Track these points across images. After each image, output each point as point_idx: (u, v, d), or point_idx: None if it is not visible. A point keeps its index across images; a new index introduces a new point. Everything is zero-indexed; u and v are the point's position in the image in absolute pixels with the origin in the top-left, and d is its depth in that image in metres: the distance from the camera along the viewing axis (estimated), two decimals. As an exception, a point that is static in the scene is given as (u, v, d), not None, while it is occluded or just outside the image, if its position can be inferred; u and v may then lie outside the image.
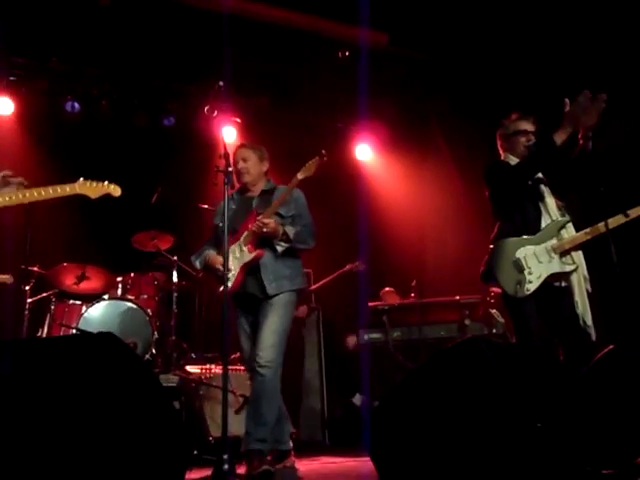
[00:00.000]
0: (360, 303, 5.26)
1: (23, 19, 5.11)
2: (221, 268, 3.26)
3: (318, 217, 5.90)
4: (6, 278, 4.18)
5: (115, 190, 2.95)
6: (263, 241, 3.34)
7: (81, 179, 2.79)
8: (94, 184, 2.86)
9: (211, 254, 3.49)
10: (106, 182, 2.91)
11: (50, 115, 5.82)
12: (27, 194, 2.60)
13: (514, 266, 3.16)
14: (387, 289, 5.85)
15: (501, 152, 3.47)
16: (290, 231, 3.34)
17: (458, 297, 4.97)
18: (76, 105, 5.79)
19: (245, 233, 3.39)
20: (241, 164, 3.53)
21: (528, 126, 3.35)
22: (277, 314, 3.28)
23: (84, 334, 3.92)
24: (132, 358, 1.65)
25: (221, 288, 3.26)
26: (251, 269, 3.33)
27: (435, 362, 1.86)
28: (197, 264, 3.58)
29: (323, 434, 5.21)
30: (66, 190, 2.68)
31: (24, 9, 5.02)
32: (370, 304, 5.06)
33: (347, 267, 5.57)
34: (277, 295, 3.31)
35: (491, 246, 3.25)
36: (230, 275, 3.33)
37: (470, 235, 6.11)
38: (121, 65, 5.83)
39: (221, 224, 3.31)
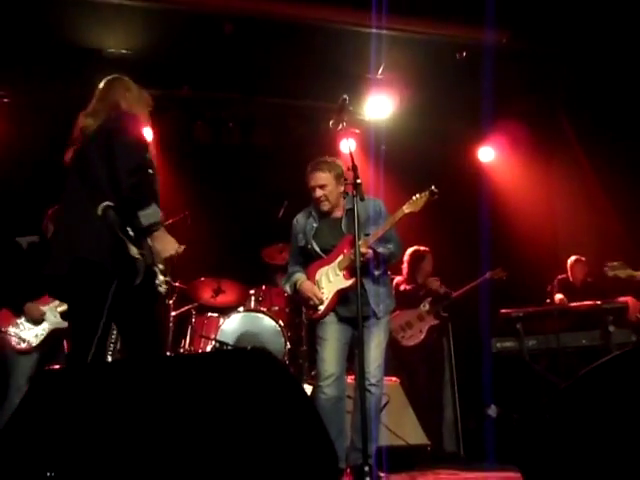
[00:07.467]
0: (481, 310, 5.07)
1: (156, 53, 5.52)
2: (315, 300, 3.23)
3: (440, 224, 5.83)
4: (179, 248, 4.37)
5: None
6: (361, 267, 3.14)
7: None
8: None
9: (302, 279, 3.34)
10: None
11: (183, 140, 6.22)
12: None
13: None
14: (575, 258, 5.38)
15: None
16: (385, 252, 3.28)
17: (600, 301, 4.63)
18: (207, 129, 6.14)
19: (340, 257, 3.26)
20: (319, 192, 3.29)
21: None
22: (384, 333, 3.30)
23: (239, 350, 4.02)
24: (285, 374, 1.72)
25: (318, 311, 3.24)
26: (352, 294, 3.12)
27: (594, 375, 1.75)
28: (287, 288, 3.45)
29: (457, 445, 5.09)
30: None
31: (156, 44, 5.43)
32: (502, 311, 4.87)
33: (487, 275, 5.20)
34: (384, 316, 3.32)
35: None
36: (324, 299, 3.26)
37: (608, 234, 5.69)
38: (244, 87, 6.11)
39: (309, 246, 3.32)
